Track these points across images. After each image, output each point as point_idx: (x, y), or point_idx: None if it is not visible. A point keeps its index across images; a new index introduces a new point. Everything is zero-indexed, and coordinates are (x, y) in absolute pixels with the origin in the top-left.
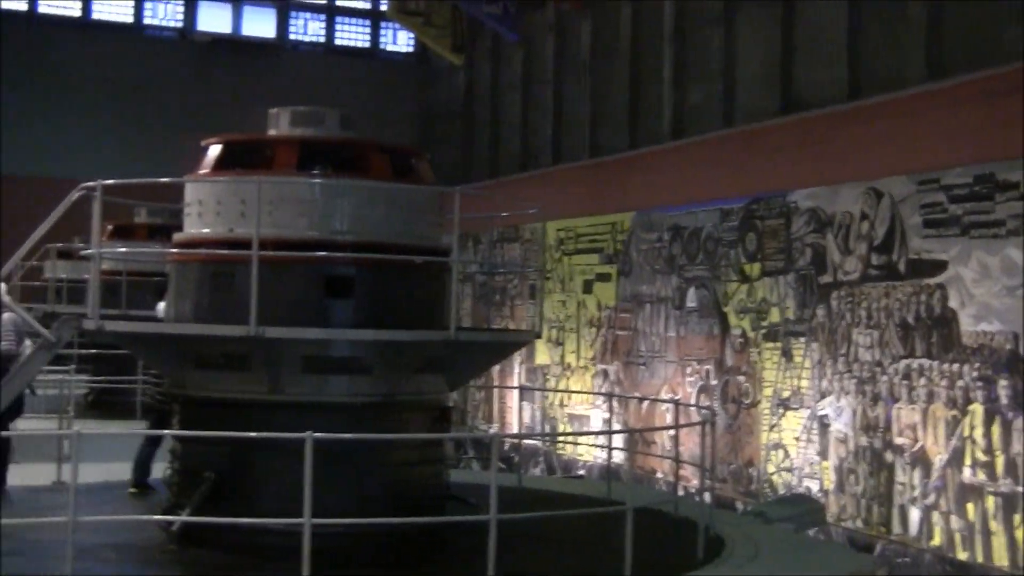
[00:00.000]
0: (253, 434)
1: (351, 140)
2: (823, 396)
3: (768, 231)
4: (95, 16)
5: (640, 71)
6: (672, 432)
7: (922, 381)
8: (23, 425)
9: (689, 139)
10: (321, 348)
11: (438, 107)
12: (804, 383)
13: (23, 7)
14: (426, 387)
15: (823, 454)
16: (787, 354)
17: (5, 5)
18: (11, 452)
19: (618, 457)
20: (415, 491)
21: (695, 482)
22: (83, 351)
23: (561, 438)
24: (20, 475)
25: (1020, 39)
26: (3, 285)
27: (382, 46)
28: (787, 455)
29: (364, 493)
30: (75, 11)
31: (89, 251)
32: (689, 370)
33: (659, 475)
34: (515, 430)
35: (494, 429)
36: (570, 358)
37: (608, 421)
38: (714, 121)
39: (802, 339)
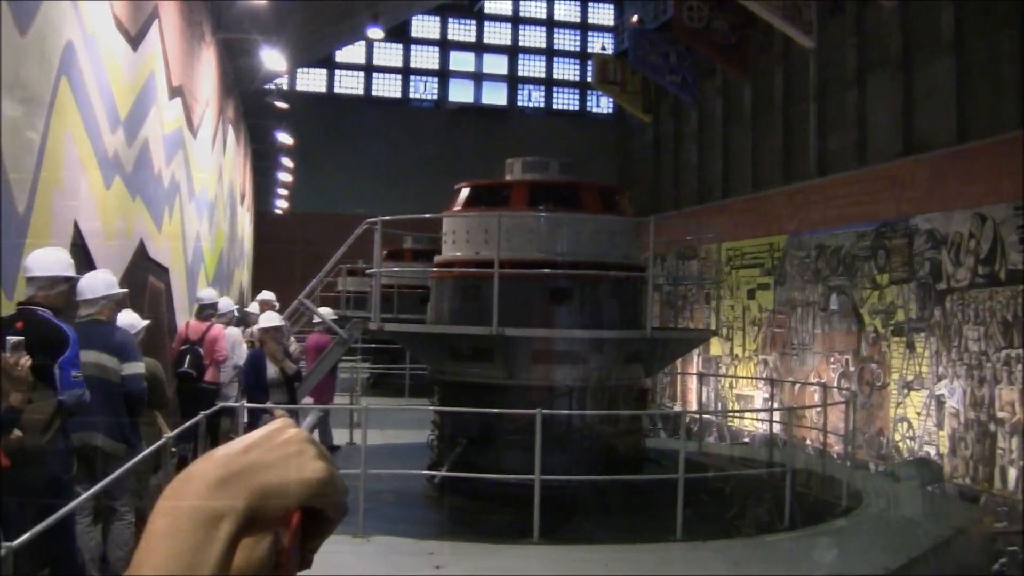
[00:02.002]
0: (495, 410)
1: (569, 182)
2: (939, 379)
3: (894, 248)
4: (373, 93)
5: (791, 123)
6: (819, 409)
7: (1019, 367)
8: None
9: (830, 177)
10: (547, 344)
11: (633, 154)
12: (924, 369)
13: (323, 89)
14: (628, 373)
15: (939, 425)
16: (910, 346)
17: (311, 88)
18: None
19: (776, 428)
20: (620, 454)
21: (838, 448)
22: (366, 345)
23: (731, 413)
24: None
25: None
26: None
27: (589, 109)
28: (910, 426)
29: (581, 455)
30: (359, 90)
31: (371, 270)
32: (832, 359)
33: (808, 442)
34: (695, 407)
35: (678, 406)
36: (737, 350)
37: (768, 400)
38: (850, 162)
39: (922, 334)
